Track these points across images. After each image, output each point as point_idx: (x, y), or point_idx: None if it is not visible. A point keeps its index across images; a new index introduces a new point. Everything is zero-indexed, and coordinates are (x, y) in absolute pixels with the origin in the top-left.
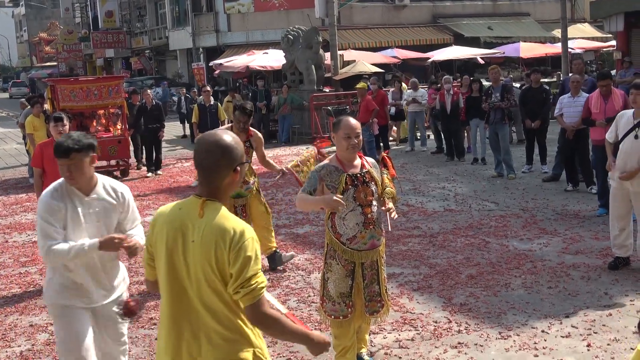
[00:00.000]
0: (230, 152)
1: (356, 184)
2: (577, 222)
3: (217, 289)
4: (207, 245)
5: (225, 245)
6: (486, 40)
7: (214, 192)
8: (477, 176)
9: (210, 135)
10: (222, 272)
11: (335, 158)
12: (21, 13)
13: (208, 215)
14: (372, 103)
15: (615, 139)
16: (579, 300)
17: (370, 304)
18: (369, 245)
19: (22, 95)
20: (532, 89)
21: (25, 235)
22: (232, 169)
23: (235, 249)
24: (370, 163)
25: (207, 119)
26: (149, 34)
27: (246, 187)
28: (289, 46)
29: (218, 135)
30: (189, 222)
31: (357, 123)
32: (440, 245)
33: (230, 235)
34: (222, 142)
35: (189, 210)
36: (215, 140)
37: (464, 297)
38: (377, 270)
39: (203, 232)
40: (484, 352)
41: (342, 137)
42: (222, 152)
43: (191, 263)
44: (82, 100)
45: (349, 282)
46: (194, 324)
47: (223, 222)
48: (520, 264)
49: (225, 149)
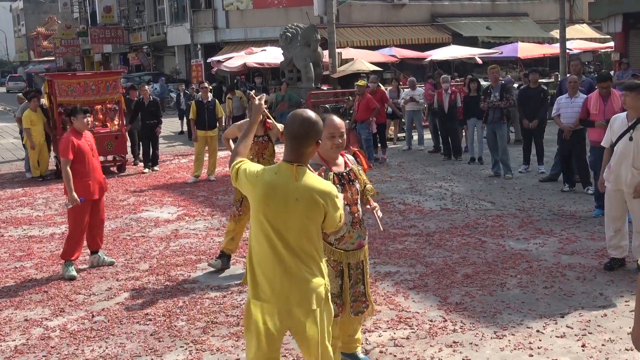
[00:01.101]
0: (317, 126)
1: (343, 183)
2: (574, 222)
3: (309, 234)
4: (307, 201)
5: (322, 200)
6: (484, 40)
7: (301, 158)
8: (474, 176)
9: (303, 111)
10: (316, 221)
11: (318, 157)
12: (19, 7)
13: (302, 178)
14: (372, 101)
15: (611, 143)
16: (574, 300)
17: (355, 304)
18: (357, 245)
19: (20, 90)
20: (530, 89)
21: (21, 230)
22: (316, 140)
23: (330, 205)
24: (351, 160)
25: (205, 115)
26: (147, 29)
27: None
28: (287, 43)
29: (308, 113)
30: (287, 184)
31: (341, 122)
32: (437, 244)
33: (325, 195)
34: (312, 118)
35: (285, 174)
36: (308, 116)
37: (460, 296)
38: (363, 270)
39: (301, 192)
40: (479, 351)
41: (327, 137)
42: (311, 125)
43: (290, 217)
44: (79, 96)
45: (339, 283)
46: (287, 263)
47: (315, 183)
48: (516, 264)
49: (314, 123)
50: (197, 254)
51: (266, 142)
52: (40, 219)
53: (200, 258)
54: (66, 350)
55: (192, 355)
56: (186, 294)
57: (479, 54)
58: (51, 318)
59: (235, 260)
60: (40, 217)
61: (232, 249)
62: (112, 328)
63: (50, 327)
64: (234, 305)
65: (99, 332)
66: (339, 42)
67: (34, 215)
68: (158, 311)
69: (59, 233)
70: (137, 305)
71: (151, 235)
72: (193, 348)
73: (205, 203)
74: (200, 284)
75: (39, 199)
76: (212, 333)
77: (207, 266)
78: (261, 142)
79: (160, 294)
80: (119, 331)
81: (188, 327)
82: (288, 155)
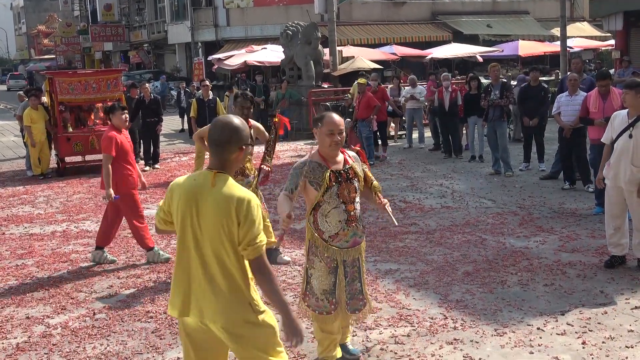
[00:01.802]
0: (238, 132)
1: (340, 180)
2: (574, 220)
3: (225, 246)
4: (219, 211)
5: (235, 210)
6: (485, 38)
7: (223, 165)
8: (475, 173)
9: (225, 117)
10: (231, 233)
11: (317, 154)
12: (20, 5)
13: (219, 185)
14: (373, 99)
15: (611, 140)
16: (574, 298)
17: (352, 302)
18: (351, 243)
19: (20, 88)
20: (530, 87)
21: (22, 228)
22: (239, 146)
23: (243, 214)
24: (352, 157)
25: (206, 113)
26: (147, 27)
27: (246, 181)
28: (288, 41)
29: (230, 118)
30: (203, 191)
31: (340, 119)
32: (437, 242)
33: (239, 202)
34: (233, 124)
35: (203, 181)
36: (229, 122)
37: (460, 294)
38: (359, 268)
39: (216, 199)
40: (480, 348)
41: (325, 134)
42: (232, 131)
43: (204, 225)
44: (80, 94)
45: (332, 280)
46: (203, 275)
47: (232, 190)
48: (517, 262)
49: (235, 129)
50: None
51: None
52: (41, 216)
53: None
54: (68, 347)
55: None
56: None
57: (480, 52)
58: (53, 316)
59: None
60: (42, 215)
61: None
62: (113, 325)
63: (51, 325)
64: None
65: (100, 330)
66: (340, 40)
67: (35, 213)
68: (159, 309)
69: (60, 231)
70: (139, 302)
71: (152, 232)
72: None
73: None
74: None
75: (40, 197)
76: None
77: None
78: None
79: (161, 291)
80: (120, 329)
81: None
82: (211, 162)
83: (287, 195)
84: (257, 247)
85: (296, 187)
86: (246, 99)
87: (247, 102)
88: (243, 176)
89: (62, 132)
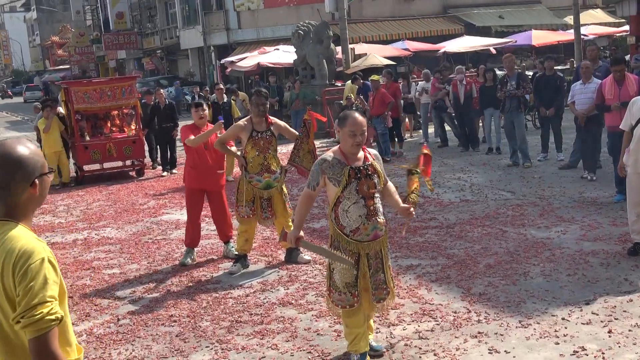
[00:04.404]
0: (23, 165)
1: (359, 176)
2: (595, 209)
3: (7, 313)
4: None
5: (10, 268)
6: (497, 29)
7: (10, 210)
8: (492, 166)
9: (2, 146)
10: (12, 300)
11: (338, 150)
12: (33, 17)
13: (1, 237)
14: (387, 96)
15: (630, 126)
16: (598, 287)
17: (376, 292)
18: (372, 236)
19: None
20: (545, 77)
21: (44, 237)
22: (29, 183)
23: (19, 272)
24: (373, 155)
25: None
26: (160, 34)
27: (274, 177)
28: (300, 41)
29: (10, 147)
30: None
31: (363, 120)
32: (458, 236)
33: (15, 257)
34: (14, 155)
35: None
36: (8, 152)
37: (483, 287)
38: (382, 259)
39: None
40: (505, 341)
41: (348, 134)
42: (15, 166)
43: None
44: (95, 102)
45: (354, 273)
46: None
47: (12, 243)
48: (539, 253)
49: (18, 162)
50: (218, 255)
51: (270, 136)
52: (62, 225)
53: (222, 258)
54: (94, 354)
55: (217, 355)
56: (209, 295)
57: (493, 44)
58: (77, 323)
59: (257, 259)
60: (62, 224)
61: (248, 249)
62: (137, 331)
63: (76, 332)
64: (257, 304)
65: (125, 335)
66: (351, 37)
67: (56, 222)
68: (182, 312)
69: (81, 239)
70: (162, 307)
71: (172, 237)
72: (218, 347)
73: None
74: (223, 284)
75: (60, 206)
76: (236, 332)
77: (229, 267)
78: (266, 138)
79: (184, 295)
80: (144, 333)
81: (213, 327)
82: None
83: (309, 192)
84: (38, 321)
85: (317, 183)
86: (261, 95)
87: (261, 99)
88: (269, 173)
89: (80, 140)
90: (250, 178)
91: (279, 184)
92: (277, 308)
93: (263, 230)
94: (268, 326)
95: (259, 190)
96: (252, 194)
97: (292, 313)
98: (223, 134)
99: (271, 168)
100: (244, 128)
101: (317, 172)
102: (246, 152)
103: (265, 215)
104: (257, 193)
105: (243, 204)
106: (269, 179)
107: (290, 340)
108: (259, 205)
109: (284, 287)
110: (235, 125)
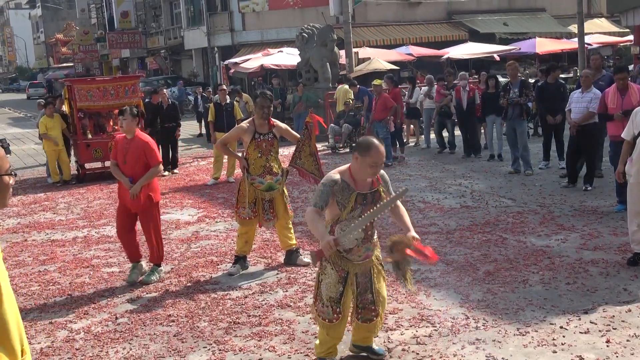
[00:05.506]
0: None
1: (365, 203)
2: (595, 218)
3: None
4: None
5: None
6: (501, 36)
7: None
8: (494, 173)
9: None
10: None
11: (348, 173)
12: (37, 14)
13: None
14: (390, 100)
15: (632, 135)
16: (597, 296)
17: (363, 312)
18: (364, 257)
19: (40, 96)
20: (549, 85)
21: (44, 234)
22: None
23: None
24: (381, 180)
25: (224, 117)
26: (164, 33)
27: (275, 179)
28: (304, 44)
29: None
30: None
31: (384, 149)
32: (457, 242)
33: None
34: None
35: None
36: None
37: (482, 294)
38: (370, 280)
39: None
40: (502, 348)
41: (369, 164)
42: None
43: None
44: (98, 100)
45: (340, 289)
46: None
47: None
48: (538, 260)
49: None
50: (218, 255)
51: (272, 139)
52: (62, 223)
53: (222, 259)
54: (91, 352)
55: (215, 356)
56: (208, 295)
57: (497, 51)
58: (75, 321)
59: (256, 261)
60: (63, 221)
61: (247, 250)
62: (135, 330)
63: (74, 330)
64: (255, 305)
65: (122, 334)
66: (355, 41)
67: (56, 220)
68: (180, 312)
69: (81, 237)
70: (160, 306)
71: (172, 237)
72: (216, 348)
73: (225, 205)
74: (221, 285)
75: (60, 204)
76: (234, 333)
77: (228, 268)
78: (268, 140)
79: (182, 295)
80: (142, 332)
81: (211, 328)
82: None
83: (317, 210)
84: None
85: (326, 204)
86: (265, 97)
87: (266, 102)
88: (271, 175)
89: (82, 138)
90: (252, 180)
91: (280, 186)
92: (275, 310)
93: (263, 232)
94: (266, 328)
95: (260, 192)
96: (254, 195)
97: (290, 315)
98: (225, 135)
99: (273, 170)
100: (246, 130)
101: (327, 193)
102: (248, 154)
103: (268, 217)
104: (259, 195)
105: (245, 205)
106: (271, 181)
107: (288, 342)
108: (260, 207)
109: (283, 289)
110: (238, 127)
